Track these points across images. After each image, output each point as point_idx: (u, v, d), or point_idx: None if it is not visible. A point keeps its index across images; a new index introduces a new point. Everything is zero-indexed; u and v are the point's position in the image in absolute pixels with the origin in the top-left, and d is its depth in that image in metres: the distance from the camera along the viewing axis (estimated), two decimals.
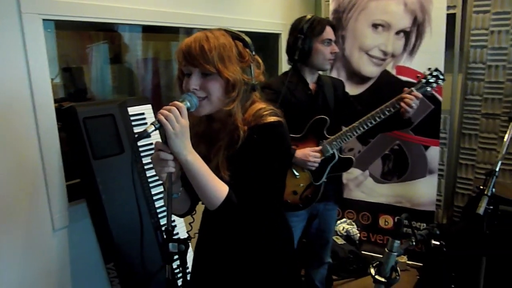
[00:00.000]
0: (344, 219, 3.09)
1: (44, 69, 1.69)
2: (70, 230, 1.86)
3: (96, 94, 2.61)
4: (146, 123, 2.04)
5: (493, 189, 1.32)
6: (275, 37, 3.16)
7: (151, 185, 1.98)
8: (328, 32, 1.91)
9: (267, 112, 1.15)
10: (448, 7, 2.61)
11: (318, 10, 3.40)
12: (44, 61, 1.68)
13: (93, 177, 1.75)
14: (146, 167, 1.98)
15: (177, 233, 1.21)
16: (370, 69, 2.85)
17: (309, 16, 1.94)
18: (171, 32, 2.73)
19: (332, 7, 2.91)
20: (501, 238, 1.75)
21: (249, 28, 2.77)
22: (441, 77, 1.96)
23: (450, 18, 2.66)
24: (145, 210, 1.92)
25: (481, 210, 1.27)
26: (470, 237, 1.45)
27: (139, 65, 2.94)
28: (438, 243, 1.11)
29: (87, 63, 2.59)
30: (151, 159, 1.07)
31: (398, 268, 1.11)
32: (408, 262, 2.86)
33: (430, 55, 2.62)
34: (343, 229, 3.00)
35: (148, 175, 1.98)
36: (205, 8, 2.49)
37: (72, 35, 2.51)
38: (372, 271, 1.08)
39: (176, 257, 1.09)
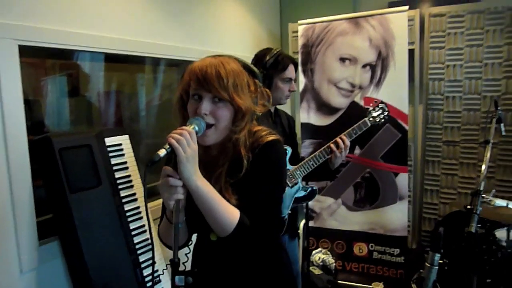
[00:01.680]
0: (320, 249, 3.08)
1: (18, 96, 1.58)
2: (39, 272, 1.69)
3: (52, 128, 2.46)
4: (123, 154, 1.96)
5: (480, 208, 1.38)
6: None
7: (129, 219, 1.88)
8: (290, 71, 1.97)
9: (265, 132, 1.17)
10: (408, 43, 2.81)
11: (285, 44, 3.53)
12: (18, 88, 1.58)
13: (70, 212, 1.62)
14: (124, 200, 1.88)
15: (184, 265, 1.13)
16: (339, 101, 2.95)
17: (275, 51, 1.98)
18: (137, 63, 2.69)
19: (301, 42, 3.02)
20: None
21: None
22: (386, 109, 2.25)
23: (410, 53, 2.86)
24: (124, 247, 1.80)
25: (473, 229, 1.32)
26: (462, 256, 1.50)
27: (101, 98, 2.84)
28: (442, 261, 1.12)
29: (42, 95, 2.45)
30: (159, 186, 1.01)
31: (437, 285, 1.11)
32: None
33: (394, 87, 2.77)
34: (319, 259, 2.98)
35: (126, 208, 1.87)
36: (175, 39, 2.49)
37: (30, 64, 2.39)
38: (414, 286, 1.07)
39: None
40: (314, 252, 3.04)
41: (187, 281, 1.01)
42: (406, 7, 2.74)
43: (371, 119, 2.19)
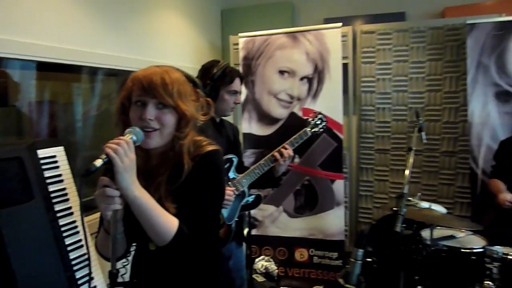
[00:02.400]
0: (262, 257, 3.13)
1: None
2: None
3: None
4: (58, 167, 1.88)
5: (405, 209, 1.51)
6: None
7: (64, 234, 1.80)
8: (237, 84, 2.02)
9: (205, 142, 1.20)
10: (342, 58, 2.99)
11: (226, 56, 3.59)
12: None
13: None
14: (58, 214, 1.80)
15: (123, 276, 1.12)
16: (279, 111, 3.06)
17: (222, 64, 2.02)
18: (73, 72, 2.60)
19: (241, 54, 3.10)
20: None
21: None
22: (324, 120, 2.36)
23: (344, 67, 3.05)
24: (59, 263, 1.72)
25: (398, 228, 1.44)
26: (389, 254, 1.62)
27: (32, 108, 2.71)
28: (371, 259, 1.22)
29: None
30: (95, 196, 1.00)
31: (361, 279, 1.19)
32: None
33: (330, 99, 2.93)
34: (262, 267, 3.03)
35: (61, 223, 1.79)
36: (114, 48, 2.45)
37: None
38: (341, 281, 1.14)
39: None
40: (257, 260, 3.09)
41: None
42: (340, 24, 2.93)
43: (310, 129, 2.29)
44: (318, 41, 2.95)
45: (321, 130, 2.35)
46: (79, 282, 1.80)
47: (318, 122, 2.32)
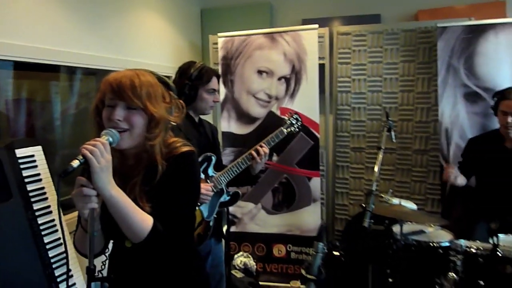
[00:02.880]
0: (241, 253, 3.20)
1: None
2: None
3: None
4: (36, 166, 1.90)
5: (373, 205, 1.60)
6: None
7: (43, 233, 1.82)
8: (214, 83, 2.08)
9: (179, 143, 1.25)
10: (319, 58, 3.07)
11: (206, 55, 3.63)
12: None
13: None
14: (37, 213, 1.82)
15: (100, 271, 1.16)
16: (258, 110, 3.13)
17: (198, 64, 2.07)
18: (51, 70, 2.60)
19: (221, 54, 3.15)
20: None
21: None
22: (300, 119, 2.42)
23: (321, 68, 3.13)
24: (38, 262, 1.75)
25: (366, 223, 1.52)
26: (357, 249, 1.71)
27: (9, 106, 2.70)
28: (338, 253, 1.29)
29: None
30: (72, 195, 1.04)
31: (322, 270, 1.26)
32: (301, 286, 3.08)
33: (307, 98, 3.01)
34: (240, 263, 3.10)
35: (40, 222, 1.82)
36: (93, 48, 2.46)
37: None
38: (303, 271, 1.22)
39: None
40: (236, 256, 3.15)
41: (103, 287, 1.05)
42: (316, 25, 3.01)
43: (286, 128, 2.36)
44: (295, 42, 3.02)
45: (297, 129, 2.42)
46: (58, 279, 1.83)
47: (294, 121, 2.39)
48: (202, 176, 2.05)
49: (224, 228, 3.09)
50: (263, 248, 3.22)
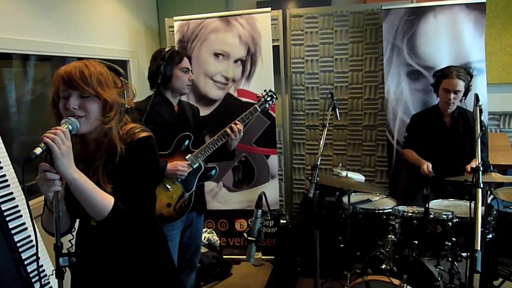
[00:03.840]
0: (205, 229, 3.35)
1: None
2: None
3: None
4: None
5: (318, 178, 1.77)
6: (123, 63, 3.27)
7: (8, 219, 1.88)
8: (186, 62, 2.21)
9: (138, 129, 1.35)
10: (273, 40, 3.19)
11: (163, 39, 3.66)
12: None
13: None
14: (0, 200, 1.87)
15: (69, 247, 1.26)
16: (216, 92, 3.23)
17: (168, 48, 2.20)
18: (2, 58, 2.57)
19: (177, 37, 3.20)
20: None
21: (95, 55, 2.83)
22: (275, 96, 2.50)
23: (276, 49, 3.25)
24: (4, 246, 1.81)
25: (311, 194, 1.70)
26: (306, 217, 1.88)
27: None
28: (285, 221, 1.46)
29: None
30: (37, 180, 1.13)
31: (262, 232, 1.44)
32: (263, 257, 3.29)
33: (263, 80, 3.14)
34: (204, 238, 3.25)
35: (3, 208, 1.87)
36: (46, 34, 2.46)
37: None
38: (245, 234, 1.40)
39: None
40: None
41: (71, 261, 1.16)
42: (269, 9, 3.12)
43: (260, 106, 2.43)
44: (249, 25, 3.12)
45: (270, 105, 2.50)
46: (26, 262, 1.90)
47: (268, 98, 2.47)
48: (182, 154, 2.19)
49: None
50: (225, 223, 3.39)
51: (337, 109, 2.28)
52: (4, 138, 2.05)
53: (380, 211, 2.45)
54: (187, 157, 2.20)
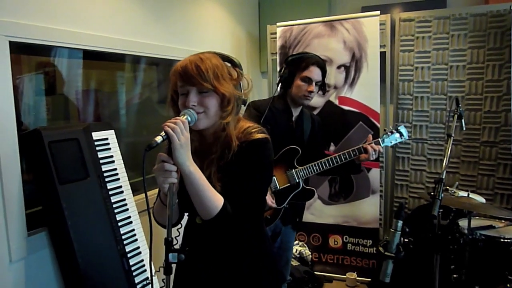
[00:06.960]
0: (297, 242, 3.21)
1: (8, 91, 1.63)
2: (27, 261, 1.74)
3: (28, 126, 2.44)
4: (110, 148, 2.02)
5: (442, 194, 1.54)
6: None
7: (116, 211, 1.94)
8: (311, 72, 2.02)
9: (255, 129, 1.26)
10: (380, 46, 2.98)
11: (264, 45, 3.65)
12: (8, 83, 1.63)
13: (59, 202, 1.68)
14: (110, 192, 1.94)
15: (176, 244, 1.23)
16: (316, 100, 3.09)
17: (301, 51, 2.10)
18: (117, 61, 2.73)
19: (279, 43, 3.15)
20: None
21: None
22: (404, 135, 2.22)
23: (382, 56, 3.04)
24: (111, 237, 1.87)
25: (435, 212, 1.47)
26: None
27: (79, 96, 2.87)
28: (407, 240, 1.26)
29: (18, 93, 2.43)
30: (154, 170, 1.10)
31: (401, 247, 1.25)
32: (357, 278, 3.04)
33: (367, 88, 2.94)
34: (296, 251, 3.11)
35: (113, 200, 1.94)
36: (156, 37, 2.55)
37: None
38: (381, 249, 1.21)
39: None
40: None
41: (180, 258, 1.11)
42: (378, 12, 2.92)
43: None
44: (355, 30, 2.95)
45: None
46: (129, 255, 1.95)
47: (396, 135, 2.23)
48: (283, 168, 2.08)
49: None
50: (318, 238, 3.20)
51: (463, 119, 2.00)
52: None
53: (508, 240, 2.09)
54: (287, 172, 2.08)
